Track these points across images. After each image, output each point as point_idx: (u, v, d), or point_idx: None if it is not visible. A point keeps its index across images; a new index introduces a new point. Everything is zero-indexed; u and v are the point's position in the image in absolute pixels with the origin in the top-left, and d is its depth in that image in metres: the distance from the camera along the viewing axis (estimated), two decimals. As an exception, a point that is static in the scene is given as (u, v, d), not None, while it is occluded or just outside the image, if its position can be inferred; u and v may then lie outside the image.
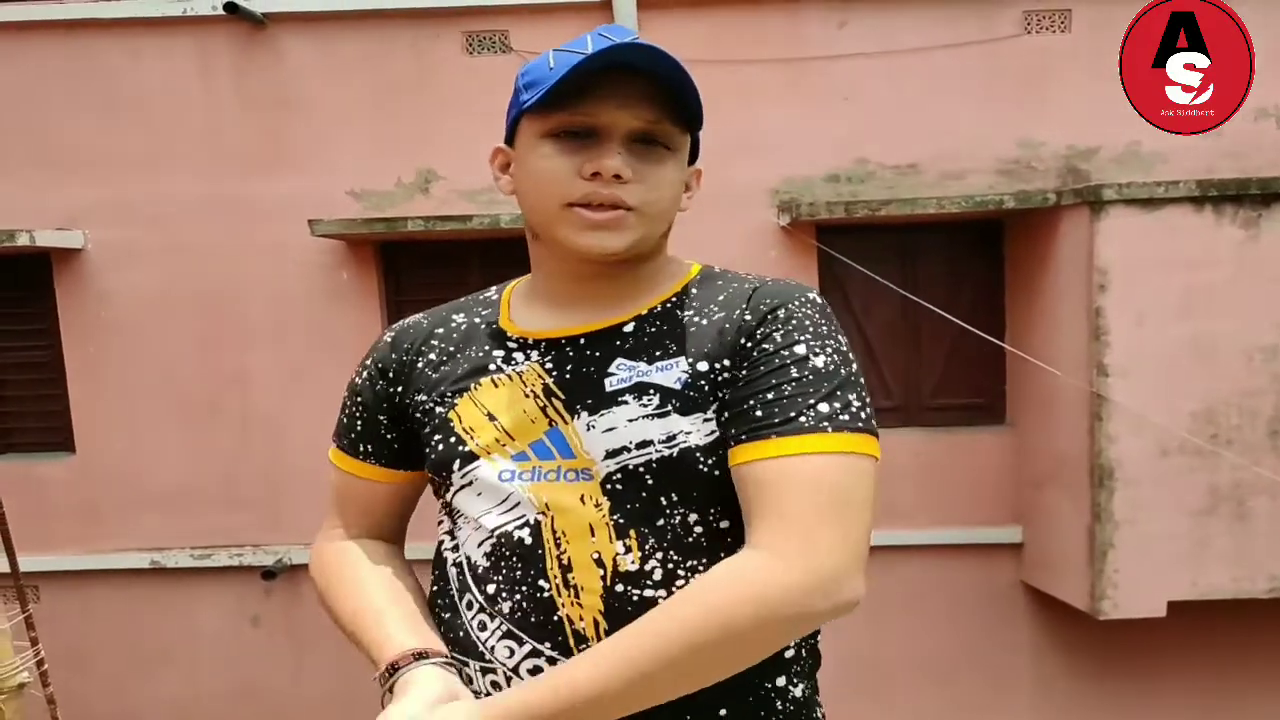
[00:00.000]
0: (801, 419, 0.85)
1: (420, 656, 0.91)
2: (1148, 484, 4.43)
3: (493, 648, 0.93)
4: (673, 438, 0.90)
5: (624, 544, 0.90)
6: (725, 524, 0.92)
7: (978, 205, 4.64)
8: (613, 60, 0.88)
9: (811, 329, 0.92)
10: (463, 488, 0.97)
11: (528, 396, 0.96)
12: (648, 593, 0.89)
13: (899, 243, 5.07)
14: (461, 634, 0.95)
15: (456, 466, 0.97)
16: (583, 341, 0.97)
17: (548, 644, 0.91)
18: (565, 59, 0.89)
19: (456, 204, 4.89)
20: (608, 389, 0.93)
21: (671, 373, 0.93)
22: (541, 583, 0.91)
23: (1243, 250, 4.36)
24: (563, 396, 0.95)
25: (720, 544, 0.91)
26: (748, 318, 0.94)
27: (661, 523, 0.91)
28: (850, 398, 0.88)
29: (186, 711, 5.35)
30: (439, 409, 1.00)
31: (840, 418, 0.86)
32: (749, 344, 0.92)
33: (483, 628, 0.94)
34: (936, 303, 4.72)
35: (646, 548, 0.90)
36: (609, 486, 0.91)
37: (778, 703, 0.94)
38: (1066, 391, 4.56)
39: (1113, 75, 3.15)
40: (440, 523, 1.05)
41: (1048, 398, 4.76)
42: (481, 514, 0.95)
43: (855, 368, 0.92)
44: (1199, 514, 4.44)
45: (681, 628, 0.80)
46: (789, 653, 0.96)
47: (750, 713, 0.93)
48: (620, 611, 0.88)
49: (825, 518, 0.82)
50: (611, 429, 0.92)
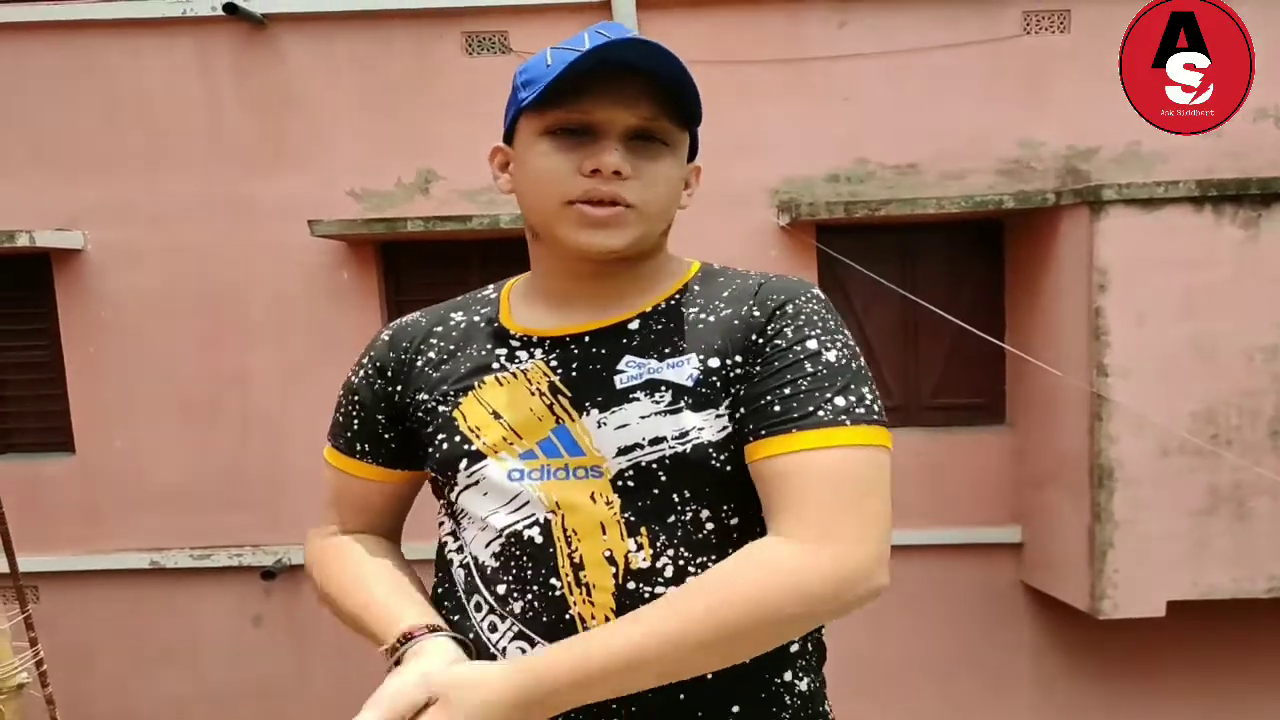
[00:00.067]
0: (820, 413, 0.86)
1: (434, 630, 0.91)
2: (1148, 484, 4.43)
3: (504, 649, 0.92)
4: (685, 434, 0.90)
5: (635, 541, 0.90)
6: (735, 520, 0.93)
7: (978, 205, 4.64)
8: (610, 58, 0.88)
9: (820, 324, 0.93)
10: (468, 487, 0.97)
11: (533, 394, 0.95)
12: (659, 590, 0.89)
13: (899, 243, 5.07)
14: (471, 636, 0.94)
15: (463, 466, 0.96)
16: (587, 339, 0.97)
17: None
18: (562, 56, 0.89)
19: (456, 204, 4.89)
20: (618, 386, 0.93)
21: (683, 369, 0.93)
22: (553, 581, 0.91)
23: (1242, 250, 4.36)
24: (569, 394, 0.94)
25: (730, 540, 0.92)
26: (756, 313, 0.94)
27: (673, 520, 0.91)
28: (864, 391, 0.89)
29: (187, 712, 5.35)
30: (442, 408, 0.98)
31: (856, 411, 0.87)
32: (760, 340, 0.92)
33: (493, 629, 0.93)
34: (936, 303, 4.72)
35: (658, 545, 0.90)
36: (620, 483, 0.91)
37: (786, 697, 0.95)
38: (1066, 391, 4.56)
39: (1112, 75, 3.15)
40: (441, 524, 1.04)
41: (1048, 398, 4.76)
42: (489, 514, 0.95)
43: (863, 361, 0.93)
44: (1199, 514, 4.44)
45: (718, 607, 0.81)
46: (794, 647, 0.96)
47: (761, 709, 0.93)
48: (632, 609, 0.88)
49: (850, 509, 0.84)
50: (624, 426, 0.91)
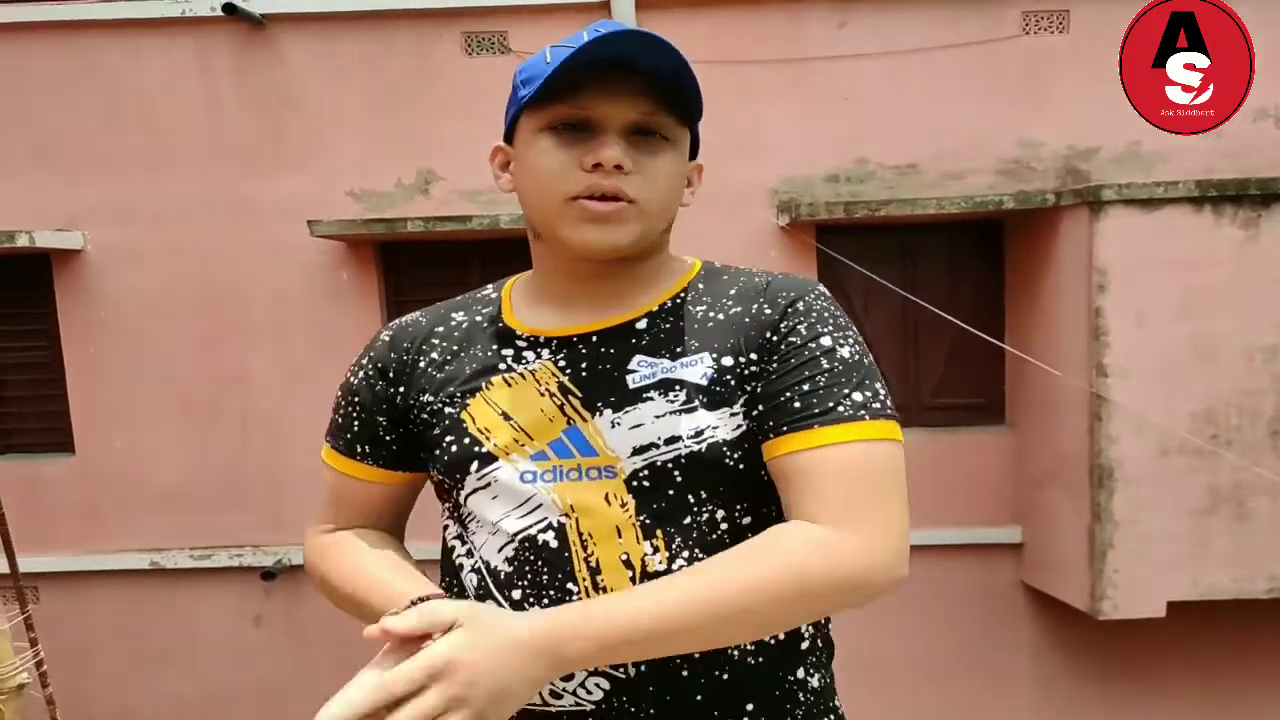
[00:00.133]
0: (840, 408, 0.88)
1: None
2: (1147, 484, 4.43)
3: None
4: (701, 433, 0.90)
5: (651, 544, 0.90)
6: (747, 520, 0.93)
7: (977, 206, 4.64)
8: (608, 53, 0.87)
9: (832, 320, 0.94)
10: (477, 490, 0.95)
11: (543, 395, 0.95)
12: None
13: (899, 243, 5.07)
14: None
15: (474, 468, 0.95)
16: (594, 339, 0.96)
17: None
18: (562, 54, 0.88)
19: (456, 204, 4.89)
20: (630, 386, 0.92)
21: (697, 368, 0.92)
22: (570, 586, 0.90)
23: (1242, 250, 4.36)
24: (580, 394, 0.94)
25: (743, 540, 0.91)
26: (768, 311, 0.94)
27: (688, 520, 0.91)
28: (877, 386, 0.91)
29: (187, 712, 5.35)
30: (449, 409, 0.97)
31: (873, 405, 0.89)
32: (774, 337, 0.92)
33: None
34: (936, 303, 4.72)
35: (674, 547, 0.90)
36: (634, 484, 0.91)
37: (799, 694, 0.95)
38: (1066, 392, 4.56)
39: (1112, 75, 3.15)
40: (446, 526, 1.03)
41: (1048, 398, 4.76)
42: (500, 518, 0.94)
43: (872, 356, 0.94)
44: (1199, 514, 4.44)
45: (753, 579, 0.81)
46: (805, 644, 0.96)
47: (775, 707, 0.93)
48: None
49: (874, 500, 0.86)
50: (638, 425, 0.91)
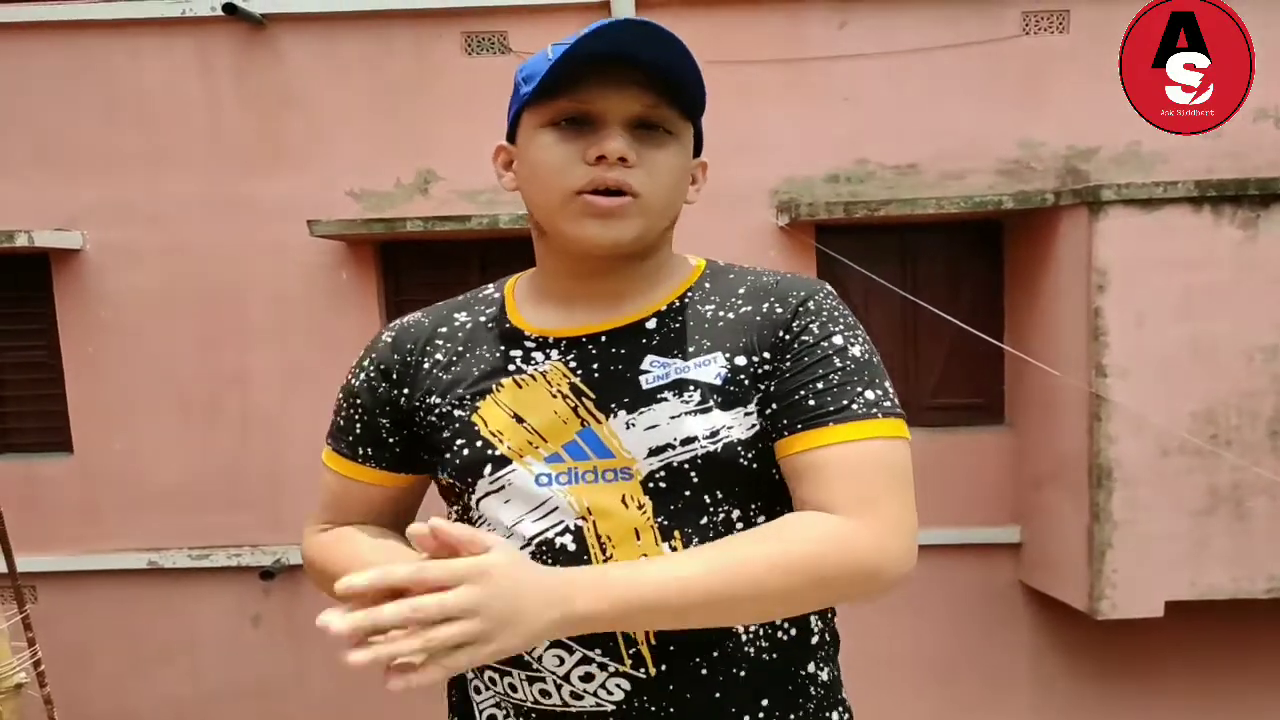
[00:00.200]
0: (854, 406, 0.89)
1: None
2: (1146, 484, 4.43)
3: (540, 657, 0.91)
4: (716, 433, 0.90)
5: (670, 546, 0.90)
6: (762, 519, 0.93)
7: (977, 206, 4.64)
8: (609, 46, 0.87)
9: (842, 320, 0.96)
10: (490, 494, 0.94)
11: (555, 396, 0.94)
12: None
13: (898, 243, 5.07)
14: None
15: (488, 471, 0.94)
16: (604, 339, 0.96)
17: (598, 650, 0.90)
18: (562, 50, 0.88)
19: (456, 204, 4.89)
20: (644, 386, 0.92)
21: (710, 368, 0.92)
22: None
23: (1241, 251, 4.36)
24: (593, 396, 0.93)
25: None
26: (779, 310, 0.95)
27: (705, 521, 0.91)
28: (887, 385, 0.93)
29: (185, 712, 5.34)
30: (458, 412, 0.96)
31: (884, 404, 0.91)
32: (787, 336, 0.93)
33: None
34: (935, 303, 4.72)
35: (691, 547, 0.90)
36: (650, 485, 0.90)
37: (810, 688, 0.97)
38: (1065, 392, 4.56)
39: (1112, 76, 3.15)
40: None
41: (1047, 398, 4.76)
42: (515, 522, 0.93)
43: (879, 355, 0.96)
44: (1198, 514, 4.44)
45: (777, 561, 0.81)
46: (815, 639, 0.98)
47: (789, 701, 0.94)
48: None
49: (886, 495, 0.87)
50: (654, 426, 0.91)
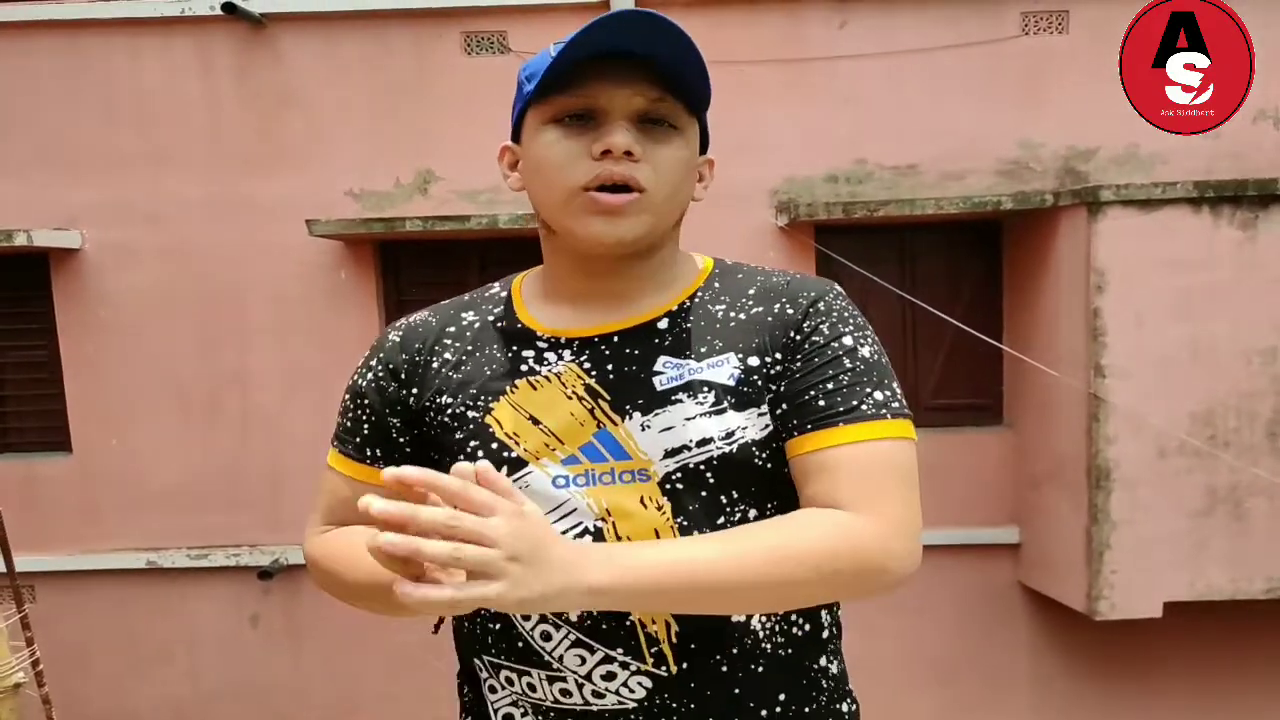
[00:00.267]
0: (863, 407, 0.89)
1: None
2: (1145, 485, 4.43)
3: (560, 656, 0.91)
4: (731, 434, 0.91)
5: None
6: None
7: (976, 206, 4.64)
8: (611, 40, 0.87)
9: (852, 321, 0.95)
10: None
11: (570, 398, 0.93)
12: None
13: (897, 243, 5.07)
14: (520, 644, 0.93)
15: (504, 474, 0.93)
16: (617, 339, 0.95)
17: (620, 649, 0.90)
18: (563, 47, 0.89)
19: (455, 204, 4.89)
20: (658, 388, 0.92)
21: (723, 369, 0.92)
22: None
23: (1240, 251, 4.36)
24: (608, 397, 0.92)
25: None
26: (790, 311, 0.95)
27: (722, 521, 0.91)
28: (895, 386, 0.93)
29: (184, 712, 5.34)
30: (471, 413, 0.95)
31: (893, 404, 0.91)
32: (798, 336, 0.93)
33: (547, 638, 0.92)
34: (935, 303, 4.72)
35: (701, 535, 0.90)
36: (668, 486, 0.90)
37: (822, 681, 0.98)
38: (1064, 392, 4.56)
39: (1111, 76, 3.15)
40: None
41: (1045, 398, 4.76)
42: None
43: (887, 355, 0.96)
44: (1196, 515, 4.45)
45: (788, 551, 0.81)
46: (826, 633, 0.99)
47: (803, 694, 0.96)
48: (690, 613, 0.88)
49: (894, 494, 0.87)
50: (669, 428, 0.91)
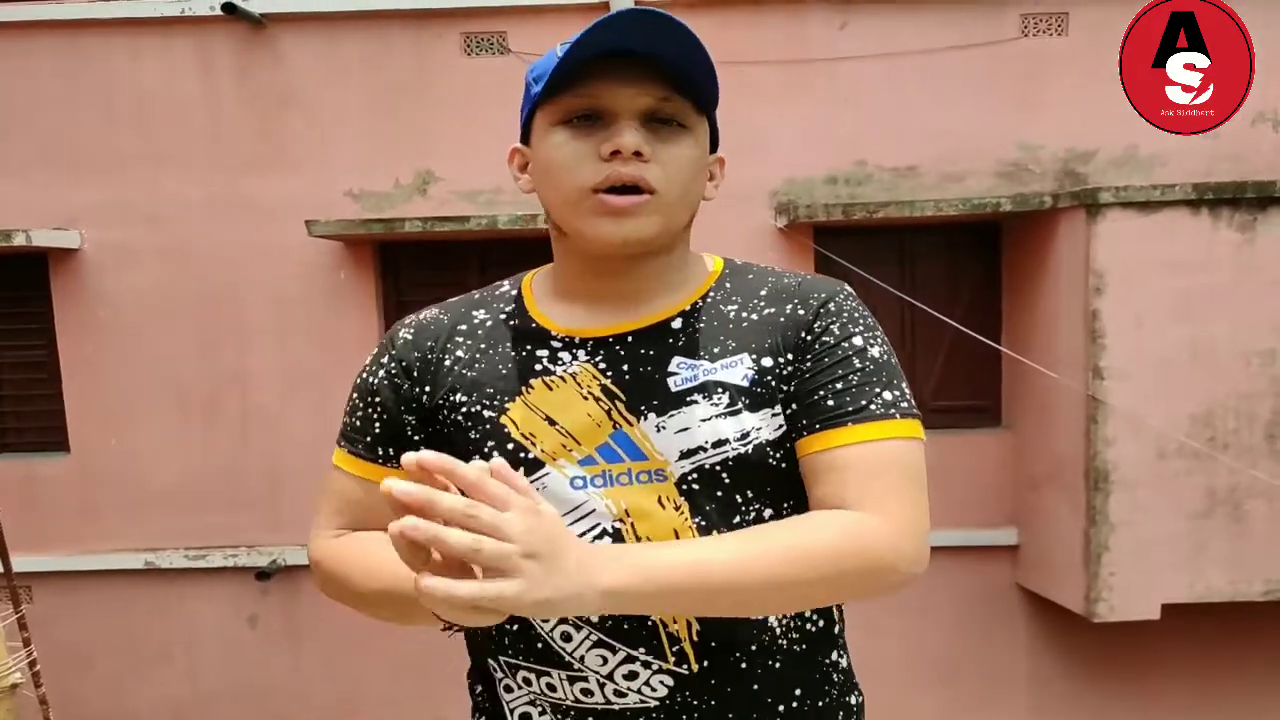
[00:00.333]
0: (872, 406, 0.90)
1: None
2: (1144, 487, 4.43)
3: (582, 657, 0.91)
4: (746, 435, 0.91)
5: None
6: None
7: (975, 208, 4.64)
8: (616, 39, 0.87)
9: (862, 321, 0.96)
10: None
11: (586, 399, 0.93)
12: None
13: (897, 245, 5.08)
14: (540, 645, 0.93)
15: (520, 474, 0.94)
16: (631, 339, 0.95)
17: (642, 649, 0.90)
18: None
19: (454, 205, 4.88)
20: (673, 389, 0.92)
21: (737, 370, 0.93)
22: None
23: (1239, 253, 4.36)
24: (624, 398, 0.92)
25: None
26: (801, 312, 0.95)
27: (739, 521, 0.92)
28: (904, 386, 0.94)
29: (182, 712, 5.33)
30: (487, 413, 0.94)
31: (901, 405, 0.91)
32: (809, 337, 0.94)
33: (567, 639, 0.92)
34: (934, 305, 4.72)
35: (714, 536, 0.90)
36: (684, 487, 0.91)
37: (834, 675, 1.00)
38: (1063, 394, 4.56)
39: (1110, 78, 3.15)
40: None
41: (1044, 400, 4.76)
42: None
43: (896, 356, 0.97)
44: (1195, 517, 4.45)
45: (812, 554, 0.81)
46: (836, 628, 1.01)
47: (816, 688, 0.97)
48: (710, 615, 0.89)
49: (903, 494, 0.88)
50: (684, 429, 0.91)
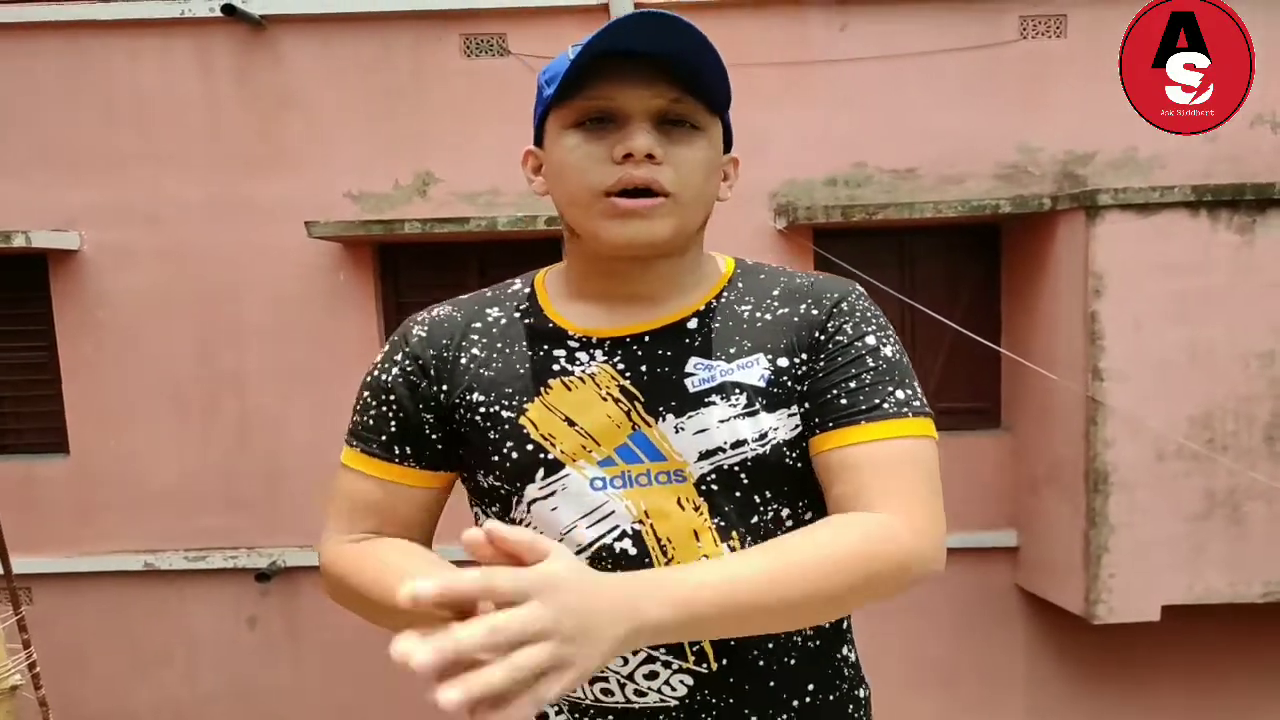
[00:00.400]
0: (885, 405, 0.90)
1: None
2: (1143, 488, 4.43)
3: None
4: (764, 435, 0.91)
5: (729, 546, 0.91)
6: (809, 515, 0.94)
7: (974, 210, 4.64)
8: (627, 40, 0.87)
9: (874, 320, 0.97)
10: (540, 498, 0.92)
11: (605, 399, 0.93)
12: None
13: (896, 247, 5.08)
14: None
15: (539, 476, 0.92)
16: (648, 339, 0.95)
17: (662, 649, 0.91)
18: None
19: (454, 206, 4.89)
20: (691, 390, 0.92)
21: (754, 370, 0.93)
22: None
23: (1238, 255, 4.37)
24: (643, 398, 0.92)
25: None
26: (814, 312, 0.96)
27: (756, 520, 0.92)
28: (916, 385, 0.94)
29: (181, 714, 5.33)
30: (505, 413, 0.94)
31: (914, 403, 0.92)
32: (822, 336, 0.94)
33: None
34: (933, 307, 4.73)
35: (748, 546, 0.90)
36: (703, 488, 0.91)
37: (844, 669, 1.01)
38: (1062, 396, 4.56)
39: (1109, 80, 3.15)
40: None
41: (1044, 402, 4.77)
42: (568, 527, 0.91)
43: (908, 355, 0.98)
44: (1194, 519, 4.45)
45: (842, 561, 0.80)
46: (845, 622, 1.02)
47: (828, 683, 0.98)
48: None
49: (919, 492, 0.88)
50: (703, 430, 0.91)
